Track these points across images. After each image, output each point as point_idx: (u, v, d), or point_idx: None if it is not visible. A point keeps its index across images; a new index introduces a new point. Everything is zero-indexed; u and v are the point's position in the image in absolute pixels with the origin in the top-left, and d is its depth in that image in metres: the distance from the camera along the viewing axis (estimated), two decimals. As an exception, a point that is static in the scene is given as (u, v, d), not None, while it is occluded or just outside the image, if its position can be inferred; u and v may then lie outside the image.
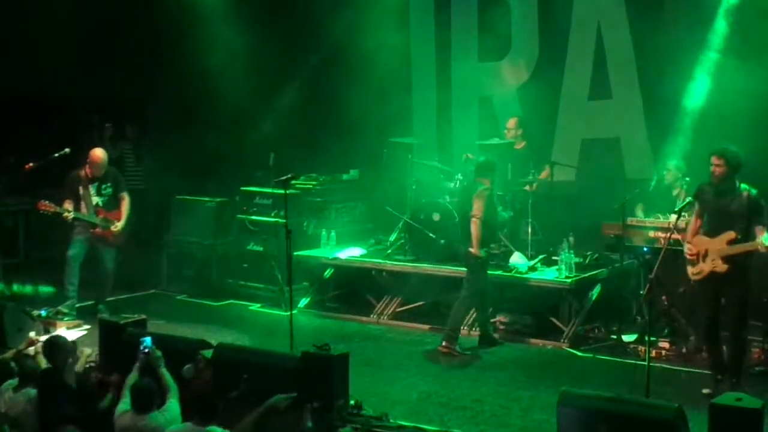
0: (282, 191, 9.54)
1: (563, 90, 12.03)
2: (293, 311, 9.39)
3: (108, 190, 10.74)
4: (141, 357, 7.09)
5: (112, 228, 10.63)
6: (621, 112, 11.72)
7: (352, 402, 7.46)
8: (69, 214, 10.45)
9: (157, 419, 6.48)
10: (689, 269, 8.13)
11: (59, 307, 10.43)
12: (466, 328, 10.00)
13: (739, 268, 7.86)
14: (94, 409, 6.92)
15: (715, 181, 7.97)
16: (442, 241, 10.68)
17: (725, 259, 7.85)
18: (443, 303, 10.71)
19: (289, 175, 9.43)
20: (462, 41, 12.86)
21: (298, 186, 11.71)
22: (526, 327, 10.15)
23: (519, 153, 11.15)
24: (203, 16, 13.20)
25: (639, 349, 9.14)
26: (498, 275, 10.10)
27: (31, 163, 10.75)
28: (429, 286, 10.82)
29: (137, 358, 7.12)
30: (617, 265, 10.17)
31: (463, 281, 9.77)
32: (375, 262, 11.22)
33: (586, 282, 10.09)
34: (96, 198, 10.66)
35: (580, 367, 9.22)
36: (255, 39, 13.00)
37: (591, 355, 9.50)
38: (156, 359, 7.06)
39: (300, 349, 7.73)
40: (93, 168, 10.63)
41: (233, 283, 11.99)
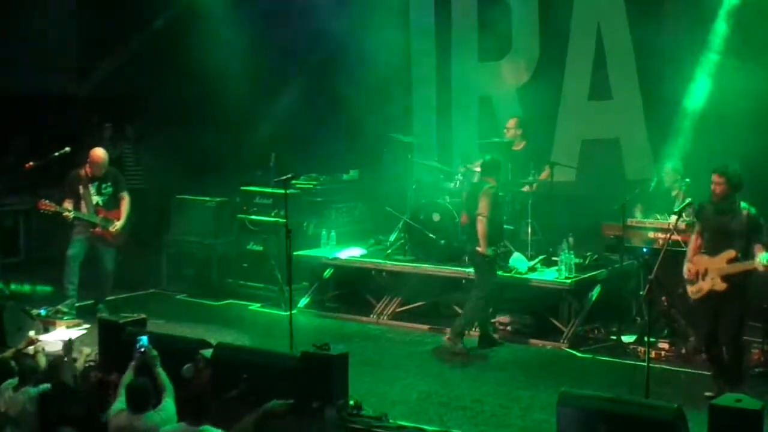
0: (282, 191, 9.55)
1: (563, 90, 12.04)
2: (293, 311, 9.38)
3: (108, 189, 10.72)
4: (137, 356, 7.06)
5: (111, 228, 10.64)
6: (621, 112, 11.73)
7: (351, 402, 7.45)
8: (69, 213, 10.44)
9: (153, 419, 6.46)
10: (689, 288, 8.11)
11: (59, 307, 10.43)
12: (466, 328, 10.02)
13: (738, 287, 7.84)
14: (94, 410, 6.92)
15: (716, 200, 7.95)
16: (442, 242, 10.68)
17: (724, 278, 7.83)
18: (443, 303, 10.74)
19: (290, 175, 9.44)
20: (462, 41, 12.87)
21: (298, 186, 11.71)
22: (526, 327, 10.16)
23: (519, 153, 11.12)
24: (203, 16, 13.21)
25: (638, 350, 9.13)
26: (498, 275, 10.09)
27: (31, 163, 10.74)
28: (429, 286, 10.81)
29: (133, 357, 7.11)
30: (617, 266, 10.15)
31: (474, 282, 9.76)
32: (375, 262, 11.20)
33: (585, 282, 10.08)
34: (96, 197, 10.64)
35: (579, 368, 9.21)
36: (255, 39, 13.00)
37: (591, 356, 9.49)
38: (152, 358, 7.02)
39: (299, 349, 7.72)
40: (93, 167, 10.62)
41: (233, 283, 11.96)
